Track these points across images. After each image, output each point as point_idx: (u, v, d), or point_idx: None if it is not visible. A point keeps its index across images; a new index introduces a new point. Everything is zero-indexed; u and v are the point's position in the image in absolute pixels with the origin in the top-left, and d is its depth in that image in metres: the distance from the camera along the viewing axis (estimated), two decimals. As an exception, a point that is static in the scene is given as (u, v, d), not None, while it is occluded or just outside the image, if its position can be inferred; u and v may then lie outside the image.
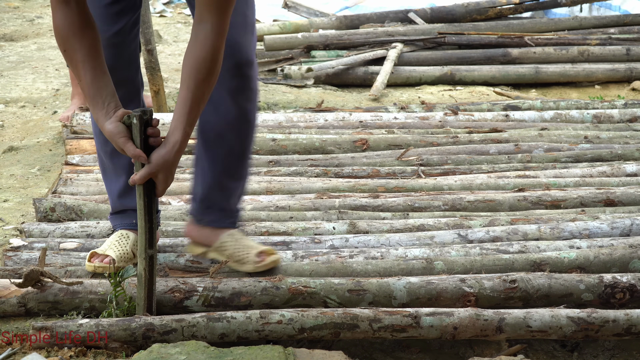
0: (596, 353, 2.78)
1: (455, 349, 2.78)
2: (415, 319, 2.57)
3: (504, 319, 2.59)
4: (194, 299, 2.68)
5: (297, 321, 2.54)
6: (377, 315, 2.56)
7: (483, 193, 3.58)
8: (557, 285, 2.76)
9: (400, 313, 2.57)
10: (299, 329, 2.54)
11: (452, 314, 2.59)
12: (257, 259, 2.80)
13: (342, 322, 2.55)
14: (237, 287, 2.71)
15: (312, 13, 7.68)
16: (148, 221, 2.54)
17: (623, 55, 6.32)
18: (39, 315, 2.66)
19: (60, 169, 4.01)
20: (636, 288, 2.76)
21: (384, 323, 2.56)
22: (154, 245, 2.58)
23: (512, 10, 7.21)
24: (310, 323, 2.54)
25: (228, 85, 2.64)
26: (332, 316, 2.54)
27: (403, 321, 2.56)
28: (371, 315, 2.56)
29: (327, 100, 5.49)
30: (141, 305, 2.59)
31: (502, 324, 2.59)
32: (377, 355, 2.74)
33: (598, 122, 4.79)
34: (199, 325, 2.49)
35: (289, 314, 2.54)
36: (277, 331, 2.53)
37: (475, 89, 5.96)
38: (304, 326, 2.54)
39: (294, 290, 2.69)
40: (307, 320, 2.54)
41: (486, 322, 2.58)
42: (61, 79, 5.90)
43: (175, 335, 2.47)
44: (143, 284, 2.58)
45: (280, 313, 2.54)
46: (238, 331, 2.52)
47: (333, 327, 2.55)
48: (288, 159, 4.07)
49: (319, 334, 2.56)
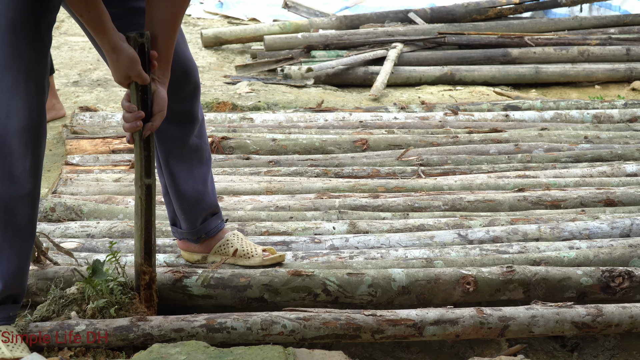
0: (596, 353, 2.78)
1: (455, 349, 2.78)
2: (419, 329, 2.55)
3: (508, 325, 2.57)
4: (194, 278, 2.68)
5: (298, 332, 2.51)
6: (381, 327, 2.53)
7: (483, 193, 3.58)
8: (554, 271, 2.78)
9: (404, 323, 2.54)
10: (300, 339, 2.52)
11: (457, 322, 2.56)
12: (264, 253, 2.82)
13: (344, 333, 2.52)
14: (237, 269, 2.75)
15: (312, 13, 7.69)
16: (145, 148, 2.46)
17: (623, 55, 6.33)
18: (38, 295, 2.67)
19: (60, 169, 4.01)
20: (634, 273, 2.77)
21: (386, 334, 2.53)
22: (151, 174, 2.49)
23: (512, 10, 7.22)
24: (311, 334, 2.51)
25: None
26: (334, 327, 2.50)
27: (406, 332, 2.54)
28: (374, 326, 2.53)
29: (327, 100, 5.49)
30: (138, 249, 2.54)
31: (505, 331, 2.58)
32: (377, 355, 2.74)
33: (598, 122, 4.79)
34: (198, 336, 2.48)
35: (290, 324, 2.51)
36: (278, 342, 2.50)
37: (475, 89, 5.96)
38: (305, 337, 2.52)
39: (293, 272, 2.70)
40: (309, 331, 2.51)
41: (490, 330, 2.57)
42: (61, 79, 5.91)
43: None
44: (140, 215, 2.51)
45: (282, 324, 2.50)
46: (238, 341, 2.50)
47: (335, 338, 2.53)
48: (288, 159, 4.07)
49: (321, 342, 2.55)
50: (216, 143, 4.14)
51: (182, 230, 2.83)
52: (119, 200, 3.47)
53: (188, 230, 2.82)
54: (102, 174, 3.83)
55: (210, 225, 2.83)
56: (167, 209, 2.84)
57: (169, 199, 2.79)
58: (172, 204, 2.79)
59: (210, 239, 2.85)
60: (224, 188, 3.61)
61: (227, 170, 3.91)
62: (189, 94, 2.65)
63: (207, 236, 2.83)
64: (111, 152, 4.12)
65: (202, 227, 2.80)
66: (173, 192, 2.75)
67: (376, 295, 2.71)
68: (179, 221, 2.82)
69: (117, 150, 4.12)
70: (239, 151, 4.16)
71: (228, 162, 4.02)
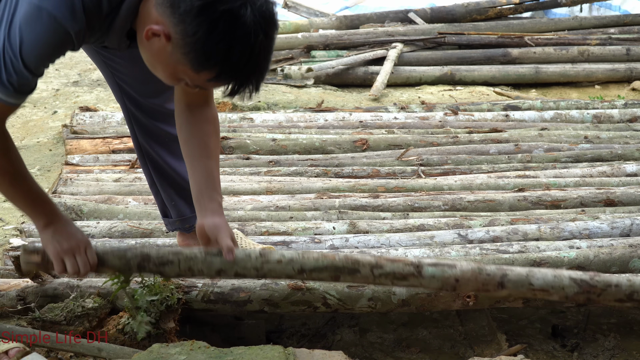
0: (596, 353, 2.78)
1: (455, 349, 2.78)
2: (418, 268, 2.50)
3: (507, 274, 2.52)
4: (193, 294, 2.68)
5: (297, 261, 2.37)
6: (379, 262, 2.45)
7: (483, 193, 3.58)
8: None
9: (403, 261, 2.50)
10: (299, 269, 2.38)
11: (455, 265, 2.53)
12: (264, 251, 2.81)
13: (342, 266, 2.38)
14: (236, 283, 2.71)
15: (312, 13, 7.69)
16: None
17: (623, 55, 6.33)
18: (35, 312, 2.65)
19: (60, 169, 4.01)
20: None
21: (385, 269, 2.42)
22: None
23: (512, 10, 7.22)
24: (310, 265, 2.37)
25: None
26: (333, 259, 2.37)
27: (405, 269, 2.44)
28: (373, 262, 2.45)
29: (327, 100, 5.49)
30: None
31: (504, 279, 2.50)
32: (377, 355, 2.74)
33: (598, 122, 4.79)
34: (196, 259, 2.31)
35: (289, 254, 2.38)
36: (275, 270, 2.37)
37: (475, 89, 5.96)
38: (304, 267, 2.38)
39: (293, 285, 2.69)
40: (308, 262, 2.37)
41: (488, 277, 2.51)
42: (61, 79, 5.91)
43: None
44: None
45: (281, 253, 2.37)
46: (237, 268, 2.35)
47: (334, 271, 2.39)
48: (288, 159, 4.07)
49: (319, 276, 2.41)
50: (216, 143, 4.14)
51: (173, 220, 2.84)
52: (119, 200, 3.47)
53: (179, 218, 2.82)
54: (102, 174, 3.83)
55: None
56: (156, 200, 2.85)
57: (156, 189, 2.79)
58: (160, 194, 2.79)
59: None
60: (224, 188, 3.61)
61: (227, 170, 3.91)
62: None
63: None
64: (111, 152, 4.12)
65: (193, 216, 2.79)
66: (159, 178, 2.75)
67: (376, 307, 2.71)
68: (169, 210, 2.82)
69: (117, 150, 4.12)
70: (239, 151, 4.16)
71: (228, 162, 4.02)
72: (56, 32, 2.05)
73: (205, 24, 1.95)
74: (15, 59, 2.06)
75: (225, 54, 1.98)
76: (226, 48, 1.97)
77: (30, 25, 2.04)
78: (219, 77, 2.03)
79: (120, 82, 2.62)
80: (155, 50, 2.05)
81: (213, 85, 2.09)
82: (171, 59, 2.03)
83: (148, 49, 2.07)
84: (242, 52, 1.98)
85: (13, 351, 2.37)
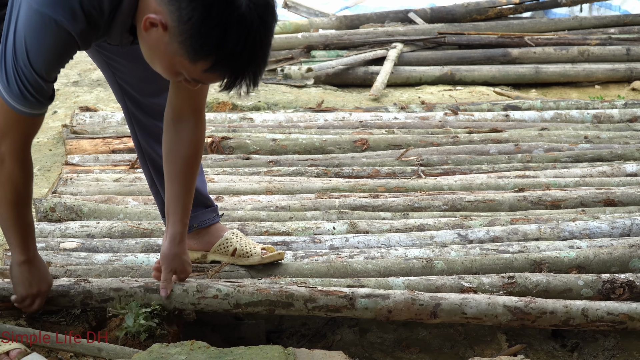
0: (596, 353, 2.78)
1: (455, 349, 2.78)
2: (351, 300, 2.57)
3: (440, 304, 2.59)
4: None
5: (232, 297, 2.57)
6: (313, 295, 2.57)
7: (483, 193, 3.58)
8: (555, 281, 2.76)
9: (336, 294, 2.58)
10: (235, 304, 2.57)
11: (388, 297, 2.59)
12: (263, 251, 2.82)
13: (277, 300, 2.57)
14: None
15: (312, 13, 7.69)
16: None
17: (623, 55, 6.33)
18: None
19: (60, 169, 4.01)
20: (635, 284, 2.76)
21: (318, 303, 2.58)
22: None
23: (512, 10, 7.22)
24: (245, 300, 2.57)
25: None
26: (268, 294, 2.56)
27: (338, 302, 2.58)
28: (307, 295, 2.57)
29: (327, 100, 5.49)
30: None
31: (437, 309, 2.59)
32: (377, 355, 2.74)
33: (598, 122, 4.79)
34: (136, 296, 2.54)
35: (225, 288, 2.57)
36: (212, 306, 2.57)
37: (475, 89, 5.96)
38: (239, 302, 2.57)
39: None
40: (243, 296, 2.57)
41: (421, 307, 2.59)
42: (61, 79, 5.91)
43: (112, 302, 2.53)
44: None
45: (217, 288, 2.57)
46: (174, 303, 2.56)
47: (269, 305, 2.58)
48: (288, 159, 4.07)
49: (254, 310, 2.59)
50: (216, 143, 4.14)
51: None
52: (119, 200, 3.47)
53: None
54: (102, 174, 3.83)
55: (202, 217, 2.82)
56: (156, 200, 2.85)
57: (156, 189, 2.80)
58: (160, 194, 2.79)
59: (205, 232, 2.83)
60: (224, 188, 3.61)
61: (227, 170, 3.91)
62: None
63: (199, 226, 2.82)
64: (111, 152, 4.12)
65: (193, 217, 2.79)
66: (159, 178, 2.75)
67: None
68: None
69: (117, 150, 4.12)
70: (239, 151, 4.16)
71: (228, 162, 4.02)
72: (59, 36, 2.06)
73: (200, 9, 1.97)
74: (26, 69, 2.08)
75: (220, 39, 1.98)
76: (221, 33, 1.98)
77: (33, 32, 2.05)
78: (215, 66, 2.03)
79: (121, 81, 2.62)
80: (153, 41, 2.05)
81: (210, 77, 2.08)
82: (168, 49, 2.03)
83: (147, 41, 2.08)
84: (237, 38, 1.99)
85: (14, 352, 2.37)
